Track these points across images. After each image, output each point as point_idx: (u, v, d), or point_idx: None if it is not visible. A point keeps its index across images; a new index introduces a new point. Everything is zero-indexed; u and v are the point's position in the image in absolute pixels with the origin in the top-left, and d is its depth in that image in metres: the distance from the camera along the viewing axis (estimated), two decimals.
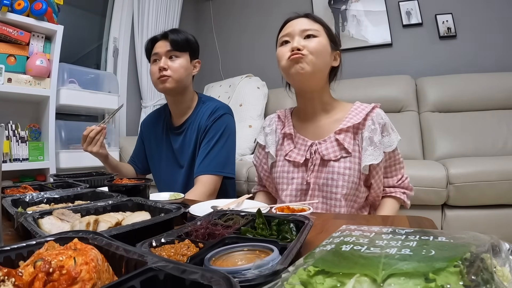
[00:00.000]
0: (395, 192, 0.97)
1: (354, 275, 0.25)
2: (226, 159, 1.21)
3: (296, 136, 0.97)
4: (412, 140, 2.20)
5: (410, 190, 0.98)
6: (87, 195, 0.81)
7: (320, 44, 0.87)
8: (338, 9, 2.78)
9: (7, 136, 1.69)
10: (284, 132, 0.98)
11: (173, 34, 1.23)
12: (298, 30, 0.88)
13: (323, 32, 0.90)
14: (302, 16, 0.92)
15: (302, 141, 0.95)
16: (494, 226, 1.56)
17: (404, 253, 0.28)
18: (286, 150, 0.96)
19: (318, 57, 0.86)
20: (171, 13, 2.89)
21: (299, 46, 0.85)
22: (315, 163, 0.90)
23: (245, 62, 3.12)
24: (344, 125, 0.90)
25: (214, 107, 1.25)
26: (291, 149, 0.96)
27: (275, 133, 1.02)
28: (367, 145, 0.88)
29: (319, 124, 0.95)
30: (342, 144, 0.88)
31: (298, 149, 0.95)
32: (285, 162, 0.96)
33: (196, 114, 1.28)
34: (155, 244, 0.43)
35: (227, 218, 0.57)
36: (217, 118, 1.23)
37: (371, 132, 0.89)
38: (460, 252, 0.27)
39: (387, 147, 0.91)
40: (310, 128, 0.96)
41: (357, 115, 0.91)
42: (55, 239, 0.37)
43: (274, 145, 1.01)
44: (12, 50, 1.71)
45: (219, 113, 1.23)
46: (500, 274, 0.28)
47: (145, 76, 2.73)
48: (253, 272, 0.32)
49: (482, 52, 2.37)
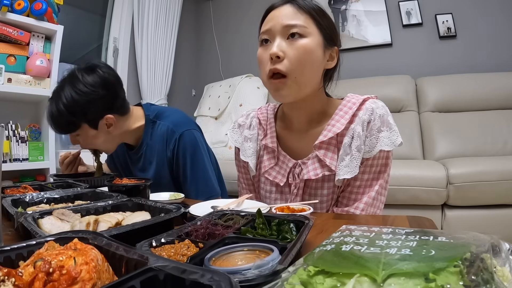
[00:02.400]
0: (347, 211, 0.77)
1: (354, 275, 0.25)
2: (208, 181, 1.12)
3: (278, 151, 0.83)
4: (412, 140, 2.20)
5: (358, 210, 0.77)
6: (87, 195, 0.81)
7: (305, 49, 0.69)
8: (338, 9, 2.78)
9: (7, 136, 1.69)
10: (266, 144, 0.84)
11: None
12: (280, 26, 0.70)
13: (313, 27, 0.71)
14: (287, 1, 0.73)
15: (283, 158, 0.82)
16: (494, 226, 1.56)
17: (404, 253, 0.28)
18: (266, 166, 0.84)
19: (303, 69, 0.70)
20: (171, 13, 2.89)
21: (278, 53, 0.69)
22: (299, 186, 0.79)
23: (245, 62, 3.12)
24: (325, 136, 0.75)
25: (166, 129, 1.10)
26: (271, 165, 0.83)
27: (256, 141, 0.87)
28: (344, 153, 0.75)
29: (305, 134, 0.81)
30: (323, 160, 0.76)
31: (280, 167, 0.82)
32: (267, 181, 0.85)
33: (149, 137, 1.13)
34: (155, 244, 0.43)
35: (227, 218, 0.57)
36: (177, 144, 1.08)
37: (353, 137, 0.74)
38: (460, 252, 0.27)
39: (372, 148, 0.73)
40: (295, 139, 0.83)
41: (342, 119, 0.76)
42: (55, 239, 0.37)
43: (254, 156, 0.87)
44: (12, 50, 1.71)
45: (175, 136, 1.09)
46: (500, 274, 0.28)
47: (145, 76, 2.73)
48: (253, 272, 0.32)
49: (482, 52, 2.37)
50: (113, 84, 1.02)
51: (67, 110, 0.96)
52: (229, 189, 1.42)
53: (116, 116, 1.05)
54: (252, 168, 0.87)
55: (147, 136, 1.14)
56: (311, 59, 0.71)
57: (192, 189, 1.10)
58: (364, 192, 0.77)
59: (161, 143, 1.11)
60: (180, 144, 1.09)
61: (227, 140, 2.57)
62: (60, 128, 1.03)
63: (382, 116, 0.74)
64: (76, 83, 0.97)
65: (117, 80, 1.05)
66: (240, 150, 0.91)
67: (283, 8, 0.73)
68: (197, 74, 3.43)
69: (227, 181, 1.37)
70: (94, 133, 1.03)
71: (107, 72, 1.01)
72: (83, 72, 0.98)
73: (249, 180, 0.93)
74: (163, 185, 1.13)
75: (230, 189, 1.55)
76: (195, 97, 3.30)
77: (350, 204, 0.78)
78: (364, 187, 0.77)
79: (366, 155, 0.74)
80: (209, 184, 1.12)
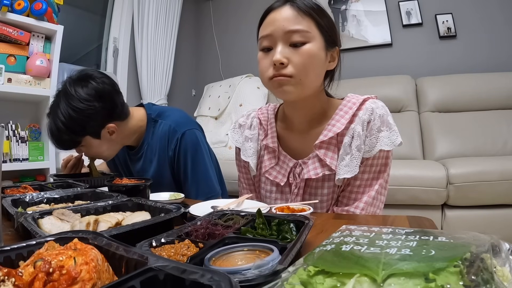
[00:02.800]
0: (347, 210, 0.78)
1: (354, 275, 0.25)
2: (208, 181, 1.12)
3: (278, 151, 0.84)
4: (412, 140, 2.20)
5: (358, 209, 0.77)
6: (87, 195, 0.81)
7: (309, 54, 0.69)
8: (338, 9, 2.78)
9: (7, 136, 1.69)
10: (266, 144, 0.85)
11: None
12: (282, 32, 0.69)
13: (315, 30, 0.70)
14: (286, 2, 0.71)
15: (284, 158, 0.83)
16: (494, 226, 1.56)
17: (404, 253, 0.28)
18: (266, 166, 0.85)
19: (308, 73, 0.69)
20: (171, 13, 2.89)
21: (282, 59, 0.68)
22: (299, 186, 0.80)
23: (245, 62, 3.12)
24: (325, 136, 0.76)
25: (168, 129, 1.10)
26: (272, 165, 0.84)
27: (257, 141, 0.88)
28: (344, 153, 0.75)
29: (305, 134, 0.82)
30: (324, 160, 0.76)
31: (280, 167, 0.83)
32: (267, 181, 0.86)
33: (150, 137, 1.14)
34: (155, 244, 0.43)
35: (227, 218, 0.57)
36: (178, 144, 1.09)
37: (353, 137, 0.74)
38: (460, 252, 0.27)
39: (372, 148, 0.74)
40: (295, 139, 0.83)
41: (342, 118, 0.76)
42: (55, 239, 0.37)
43: (255, 156, 0.88)
44: (12, 50, 1.71)
45: (177, 136, 1.09)
46: (500, 274, 0.28)
47: (145, 76, 2.73)
48: (253, 272, 0.32)
49: (482, 52, 2.37)
50: (109, 93, 1.00)
51: (66, 128, 0.95)
52: (229, 189, 1.42)
53: (117, 122, 1.04)
54: (252, 168, 0.88)
55: (148, 136, 1.14)
56: (315, 63, 0.70)
57: (192, 188, 1.10)
58: (364, 192, 0.77)
59: (162, 142, 1.11)
60: (182, 143, 1.09)
61: (227, 140, 2.57)
62: (62, 146, 1.02)
63: (382, 116, 0.74)
64: (70, 99, 0.94)
65: (113, 88, 1.02)
66: (241, 150, 0.91)
67: (283, 10, 0.71)
68: (197, 74, 3.43)
69: (227, 181, 1.37)
70: (98, 142, 1.03)
71: (101, 82, 0.98)
72: (76, 86, 0.95)
73: (250, 180, 0.93)
74: (164, 184, 1.13)
75: (230, 189, 1.55)
76: (195, 97, 3.30)
77: (350, 203, 0.78)
78: (364, 187, 0.77)
79: (366, 155, 0.75)
80: (209, 184, 1.12)
